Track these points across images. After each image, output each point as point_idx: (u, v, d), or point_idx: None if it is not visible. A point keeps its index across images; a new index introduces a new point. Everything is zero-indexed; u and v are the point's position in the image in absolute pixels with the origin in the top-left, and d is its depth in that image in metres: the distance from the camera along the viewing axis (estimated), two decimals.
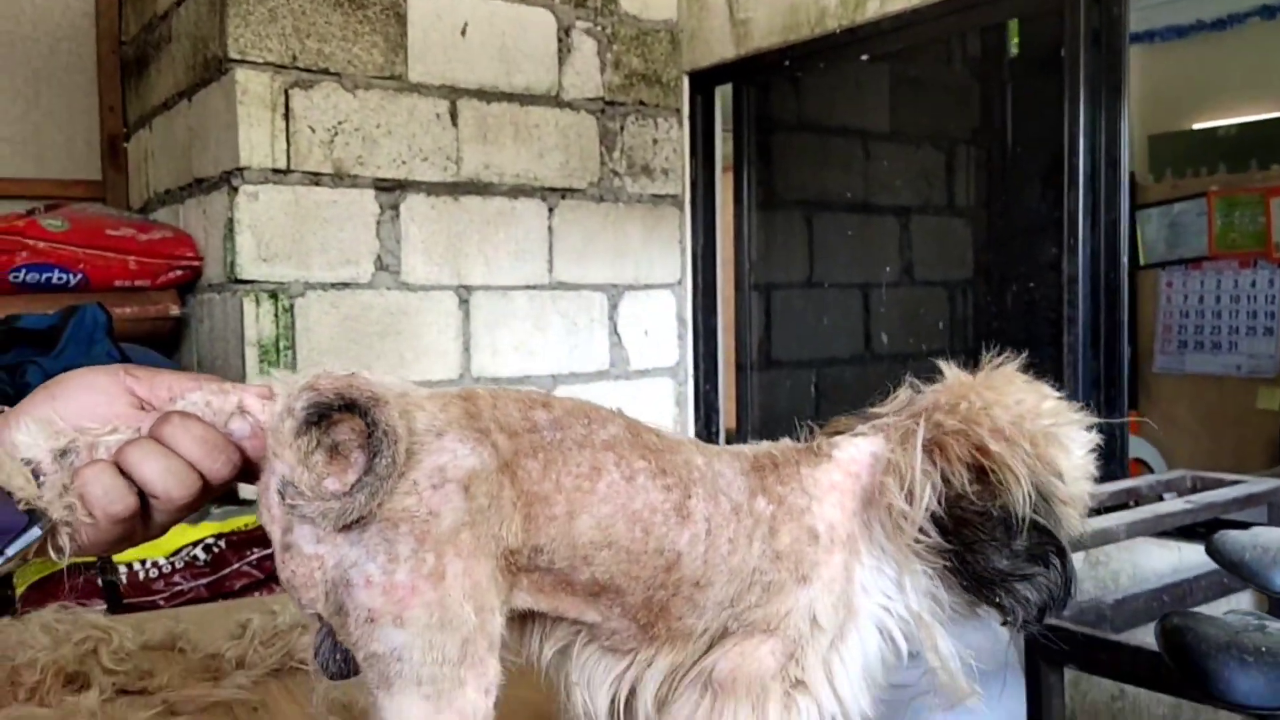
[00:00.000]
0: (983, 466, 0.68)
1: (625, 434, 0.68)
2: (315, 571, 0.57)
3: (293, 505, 0.55)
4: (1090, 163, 2.41)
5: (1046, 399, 0.72)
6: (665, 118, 3.35)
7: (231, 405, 0.63)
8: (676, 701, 0.68)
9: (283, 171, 2.73)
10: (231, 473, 0.63)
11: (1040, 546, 0.68)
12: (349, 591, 0.56)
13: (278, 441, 0.55)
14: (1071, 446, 0.71)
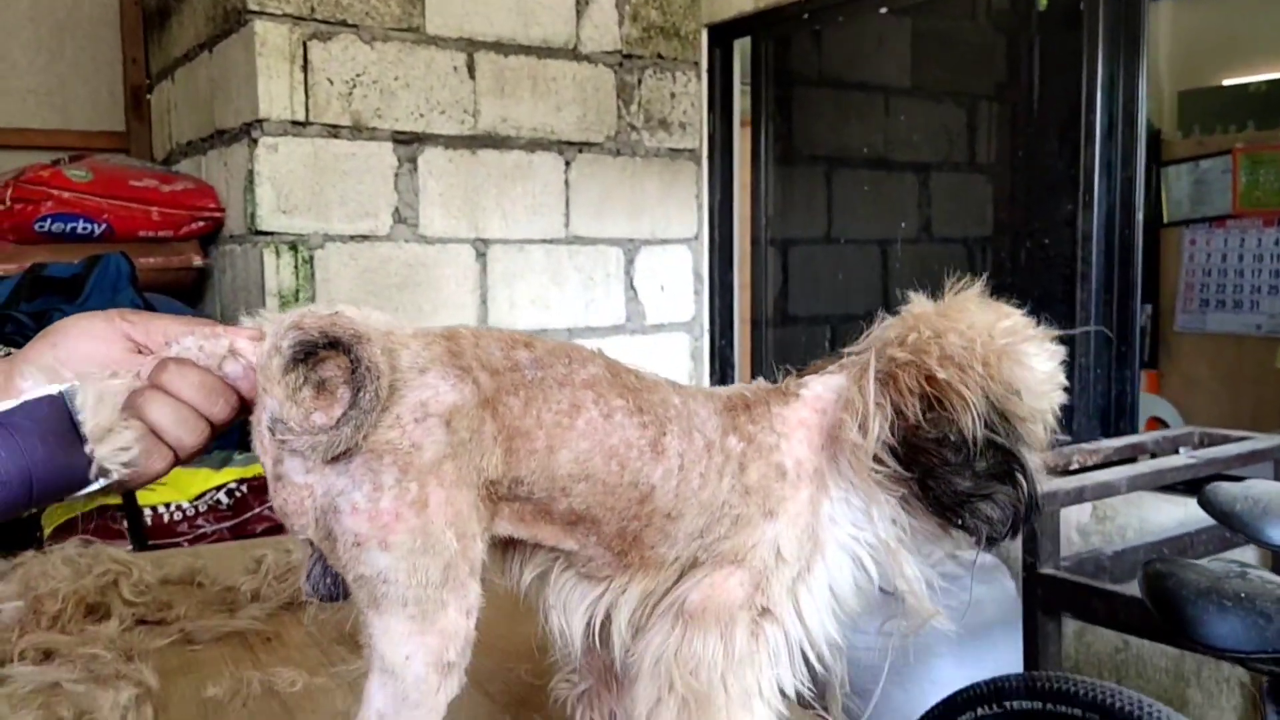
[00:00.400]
0: (934, 395, 0.69)
1: (604, 373, 0.71)
2: (305, 500, 0.61)
3: (283, 440, 0.58)
4: (1108, 119, 2.40)
5: (1003, 318, 0.73)
6: (683, 71, 3.34)
7: (223, 348, 0.66)
8: (650, 630, 0.71)
9: (302, 124, 2.75)
10: (230, 414, 0.66)
11: (1000, 465, 0.69)
12: (337, 518, 0.60)
13: (266, 378, 0.59)
14: (1031, 362, 0.72)
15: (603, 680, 0.80)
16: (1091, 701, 1.44)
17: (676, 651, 0.69)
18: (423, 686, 0.61)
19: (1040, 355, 0.73)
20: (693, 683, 0.68)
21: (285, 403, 0.58)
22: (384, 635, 0.61)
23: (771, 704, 0.70)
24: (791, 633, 0.71)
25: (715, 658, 0.69)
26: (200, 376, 0.65)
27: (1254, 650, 1.02)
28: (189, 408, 0.64)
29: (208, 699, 0.92)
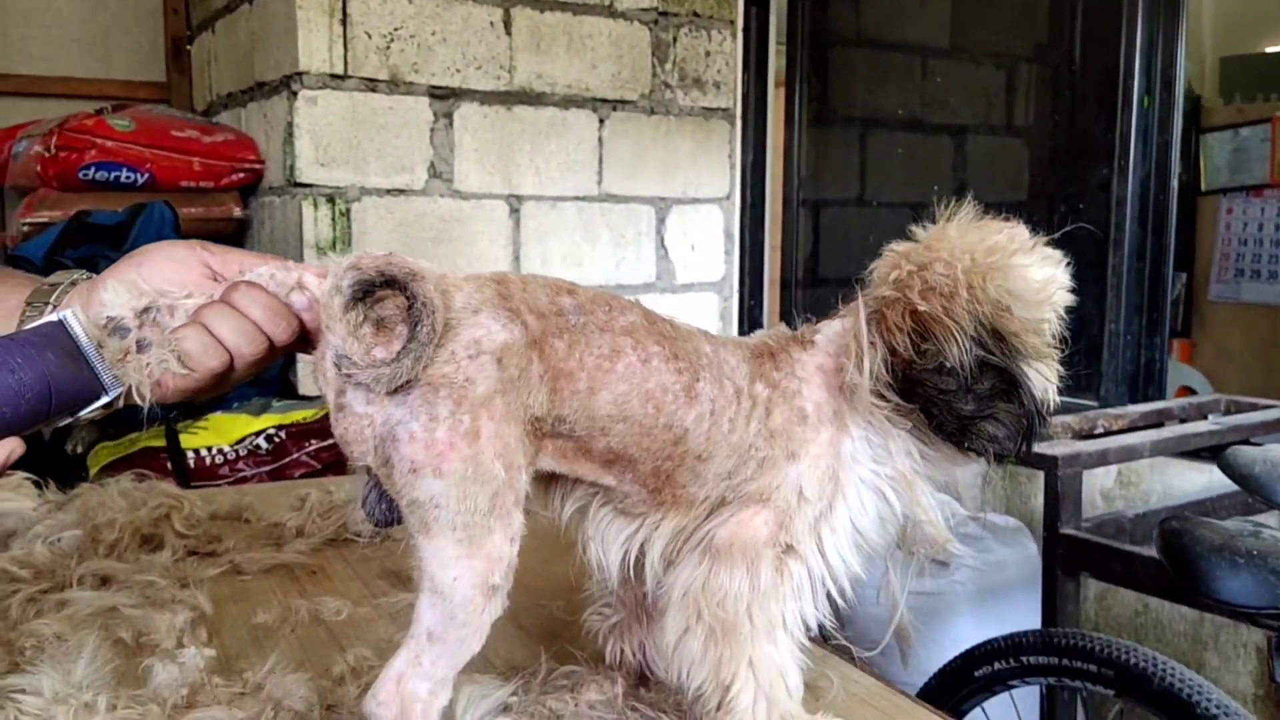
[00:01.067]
0: (921, 327, 0.72)
1: (642, 321, 0.74)
2: (365, 429, 0.65)
3: (348, 373, 0.62)
4: (1145, 84, 2.39)
5: (989, 237, 0.74)
6: (719, 30, 3.34)
7: (292, 280, 0.70)
8: (680, 564, 0.75)
9: (340, 77, 2.78)
10: (291, 337, 0.71)
11: (1000, 383, 0.71)
12: (395, 446, 0.64)
13: (329, 316, 0.62)
14: (1022, 273, 0.73)
15: (634, 614, 0.84)
16: (1106, 658, 1.48)
17: (704, 584, 0.73)
18: (469, 607, 0.65)
19: (1032, 264, 0.74)
20: (719, 613, 0.72)
21: (347, 338, 0.62)
22: (434, 558, 0.65)
23: (794, 636, 0.74)
24: (814, 569, 0.75)
25: (741, 590, 0.72)
26: (267, 299, 0.69)
27: (1265, 606, 1.04)
28: (251, 323, 0.68)
29: (257, 625, 0.97)
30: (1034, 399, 0.72)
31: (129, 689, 0.80)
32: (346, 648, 0.91)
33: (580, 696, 0.78)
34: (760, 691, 0.71)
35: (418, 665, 0.66)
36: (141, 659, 0.85)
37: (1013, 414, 0.72)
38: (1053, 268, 0.75)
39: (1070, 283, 0.78)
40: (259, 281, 0.70)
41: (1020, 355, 0.72)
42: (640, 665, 0.84)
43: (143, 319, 0.67)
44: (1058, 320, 0.77)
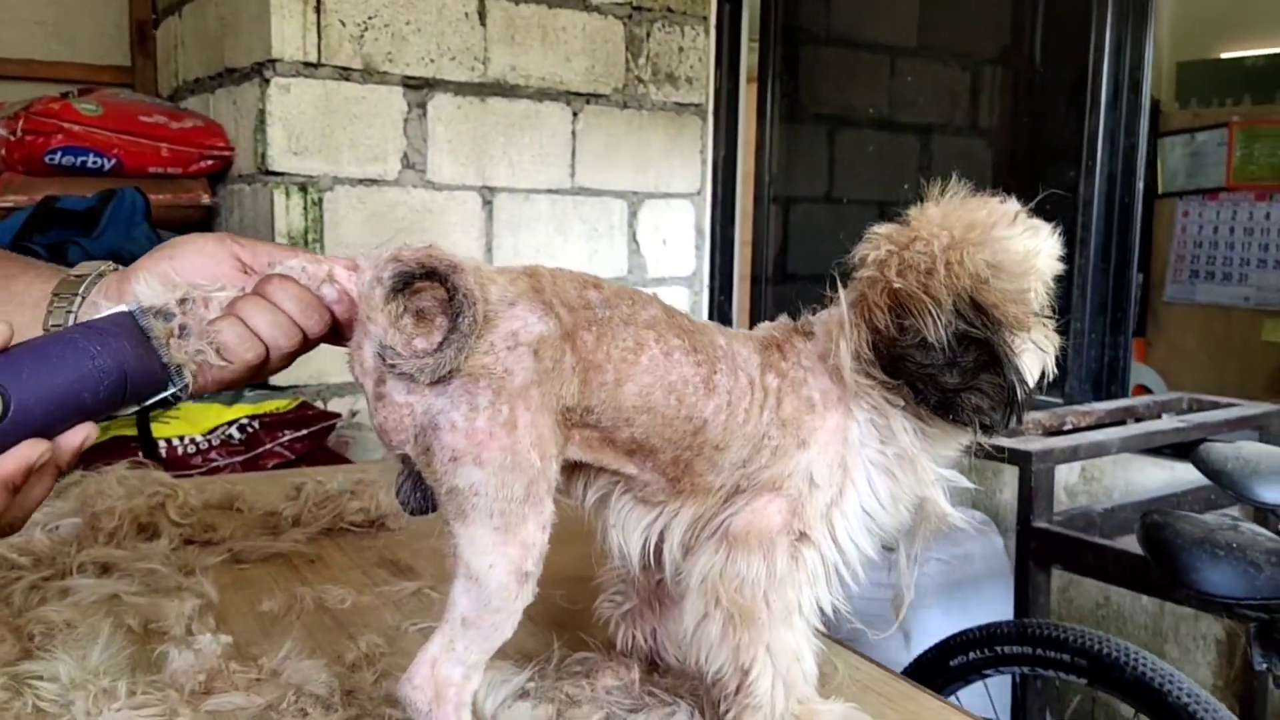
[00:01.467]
0: (898, 305, 0.73)
1: (663, 315, 0.76)
2: (405, 418, 0.66)
3: (392, 364, 0.63)
4: (1113, 87, 2.44)
5: (972, 213, 0.76)
6: (692, 25, 3.35)
7: (323, 273, 0.71)
8: (698, 551, 0.77)
9: (313, 65, 2.76)
10: (323, 330, 0.72)
11: (983, 355, 0.72)
12: (436, 435, 0.65)
13: (370, 307, 0.63)
14: (1006, 245, 0.74)
15: (646, 601, 0.86)
16: (1080, 648, 1.52)
17: (722, 571, 0.75)
18: (504, 593, 0.66)
19: (1014, 236, 0.75)
20: (738, 599, 0.74)
21: (389, 329, 0.62)
22: (470, 545, 0.66)
23: (810, 621, 0.76)
24: (827, 555, 0.76)
25: (758, 577, 0.74)
26: (300, 292, 0.70)
27: (1244, 597, 1.08)
28: (285, 315, 0.69)
29: (263, 613, 0.97)
30: (1016, 370, 0.73)
31: (145, 675, 0.80)
32: (355, 635, 0.92)
33: (597, 682, 0.80)
34: (778, 676, 0.73)
35: (451, 650, 0.67)
36: (152, 646, 0.86)
37: (995, 385, 0.73)
38: (1037, 238, 0.76)
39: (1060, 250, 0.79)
40: (291, 275, 0.71)
41: (1002, 326, 0.73)
42: (651, 652, 0.86)
43: (181, 309, 0.68)
44: (1045, 289, 0.78)
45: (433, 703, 0.66)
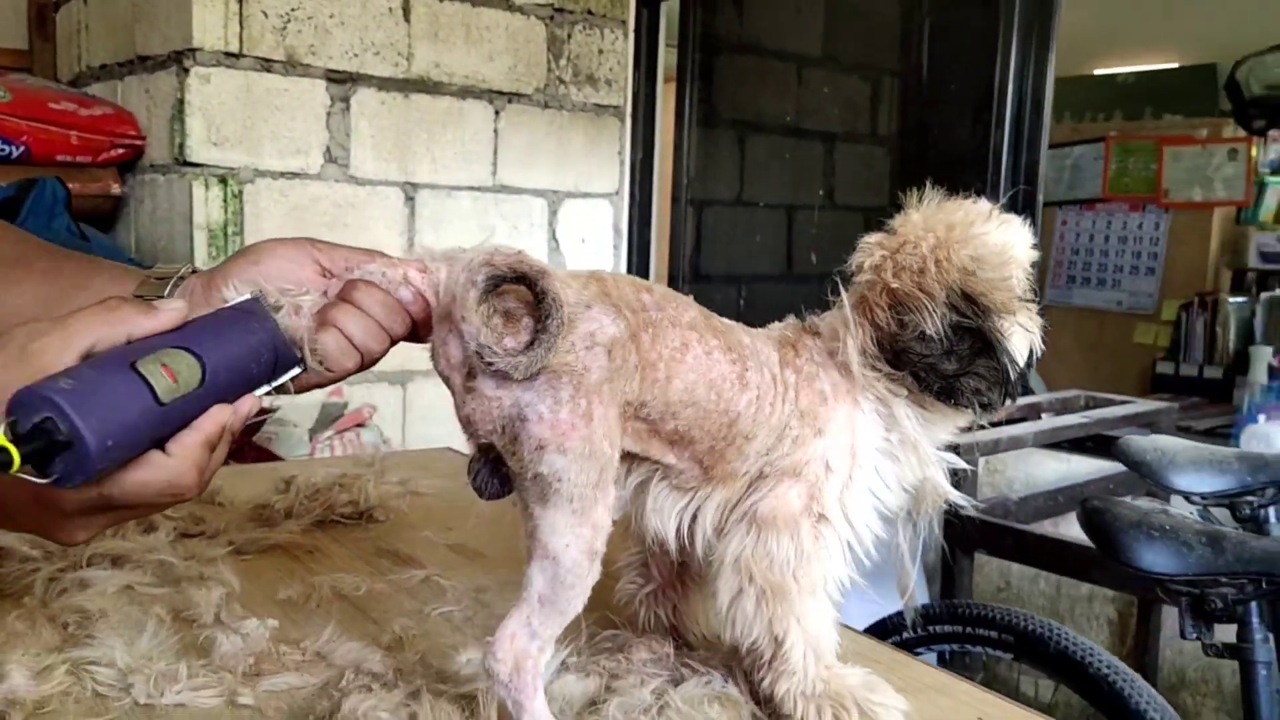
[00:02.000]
0: (897, 303, 0.81)
1: (701, 317, 0.82)
2: (494, 410, 0.70)
3: (489, 362, 0.67)
4: (1016, 103, 2.60)
5: (952, 214, 0.84)
6: (611, 29, 3.42)
7: (399, 276, 0.75)
8: (729, 534, 0.83)
9: (235, 55, 2.72)
10: (405, 332, 0.76)
11: (976, 342, 0.81)
12: (524, 425, 0.70)
13: (465, 307, 0.67)
14: (985, 240, 0.82)
15: (669, 581, 0.92)
16: (1007, 625, 1.64)
17: (753, 551, 0.82)
18: (577, 570, 0.72)
19: (991, 230, 0.83)
20: (770, 575, 0.81)
21: (481, 329, 0.67)
22: (549, 527, 0.71)
23: (832, 595, 0.84)
24: (843, 534, 0.84)
25: (787, 555, 0.81)
26: (384, 297, 0.74)
27: (1177, 574, 1.21)
28: (374, 321, 0.73)
29: (282, 600, 1.00)
30: (1008, 353, 0.82)
31: (195, 659, 0.83)
32: (380, 620, 0.96)
33: (632, 656, 0.85)
34: (809, 644, 0.81)
35: (528, 625, 0.72)
36: (194, 632, 0.88)
37: (991, 368, 0.81)
38: (1011, 231, 0.85)
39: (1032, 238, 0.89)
40: (373, 279, 0.75)
41: (991, 313, 0.81)
42: (672, 629, 0.92)
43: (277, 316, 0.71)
44: (1024, 275, 0.86)
45: (513, 673, 0.71)
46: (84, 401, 0.54)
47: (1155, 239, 4.57)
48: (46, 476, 0.55)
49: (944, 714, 0.84)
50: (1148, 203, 4.54)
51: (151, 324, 0.62)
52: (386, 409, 3.11)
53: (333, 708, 0.75)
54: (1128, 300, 4.60)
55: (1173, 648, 2.38)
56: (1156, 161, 4.53)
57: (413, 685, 0.78)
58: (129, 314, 0.62)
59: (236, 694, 0.79)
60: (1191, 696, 2.31)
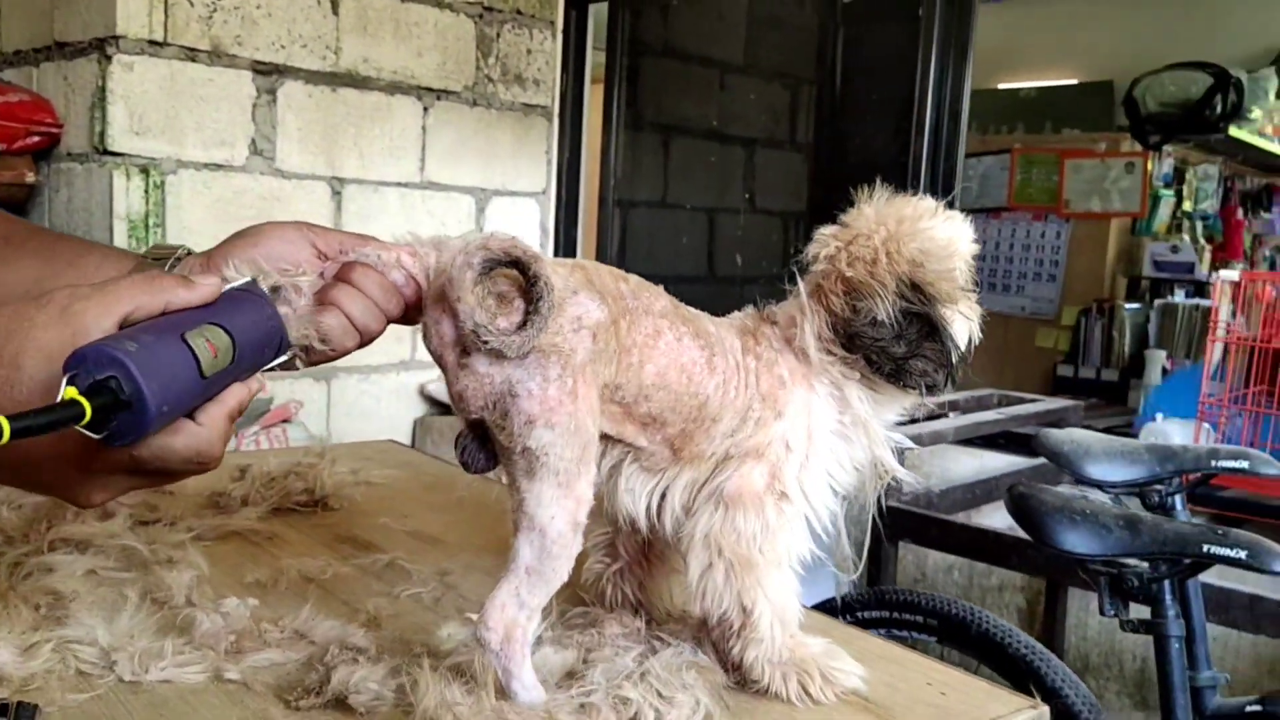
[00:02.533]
0: (851, 290, 0.87)
1: (671, 306, 0.87)
2: (485, 386, 0.73)
3: (485, 340, 0.70)
4: (935, 114, 2.71)
5: (902, 209, 0.90)
6: (540, 29, 3.44)
7: (393, 259, 0.77)
8: (698, 512, 0.88)
9: (159, 44, 2.68)
10: (399, 313, 0.78)
11: (923, 327, 0.87)
12: (514, 401, 0.73)
13: (460, 288, 0.70)
14: (932, 234, 0.88)
15: (635, 559, 0.96)
16: (931, 609, 1.72)
17: (721, 527, 0.86)
18: (562, 540, 0.75)
19: (937, 225, 0.89)
20: (738, 549, 0.85)
21: (477, 309, 0.70)
22: (535, 499, 0.75)
23: (794, 567, 0.89)
24: (802, 510, 0.89)
25: (753, 530, 0.86)
26: (380, 279, 0.76)
27: (1097, 554, 1.29)
28: (372, 302, 0.76)
29: (250, 583, 1.01)
30: (951, 337, 0.88)
31: (176, 638, 0.84)
32: (352, 602, 0.97)
33: (604, 630, 0.89)
34: (775, 614, 0.85)
35: (516, 596, 0.75)
36: (167, 613, 0.89)
37: (936, 351, 0.88)
38: (955, 226, 0.91)
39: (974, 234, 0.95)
40: (368, 262, 0.77)
41: (937, 301, 0.87)
42: (639, 604, 0.96)
43: (276, 297, 0.73)
44: (967, 267, 0.92)
45: (503, 642, 0.75)
46: (147, 364, 0.56)
47: (1056, 247, 4.77)
48: (98, 433, 0.56)
49: (896, 680, 0.90)
50: (1049, 213, 4.74)
51: (190, 296, 0.64)
52: (311, 405, 3.08)
53: (321, 679, 0.77)
54: (1031, 305, 4.79)
55: (1077, 634, 2.51)
56: (1058, 173, 4.73)
57: (395, 661, 0.81)
58: (169, 285, 0.63)
59: (222, 670, 0.80)
60: (1095, 680, 2.44)
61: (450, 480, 1.44)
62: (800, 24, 3.62)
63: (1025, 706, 0.86)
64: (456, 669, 0.76)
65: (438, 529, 1.23)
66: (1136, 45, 5.34)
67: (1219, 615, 1.57)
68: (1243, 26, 5.32)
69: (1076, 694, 1.55)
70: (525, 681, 0.75)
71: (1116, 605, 1.34)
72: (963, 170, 2.86)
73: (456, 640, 0.85)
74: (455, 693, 0.71)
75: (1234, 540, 1.21)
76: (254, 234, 0.78)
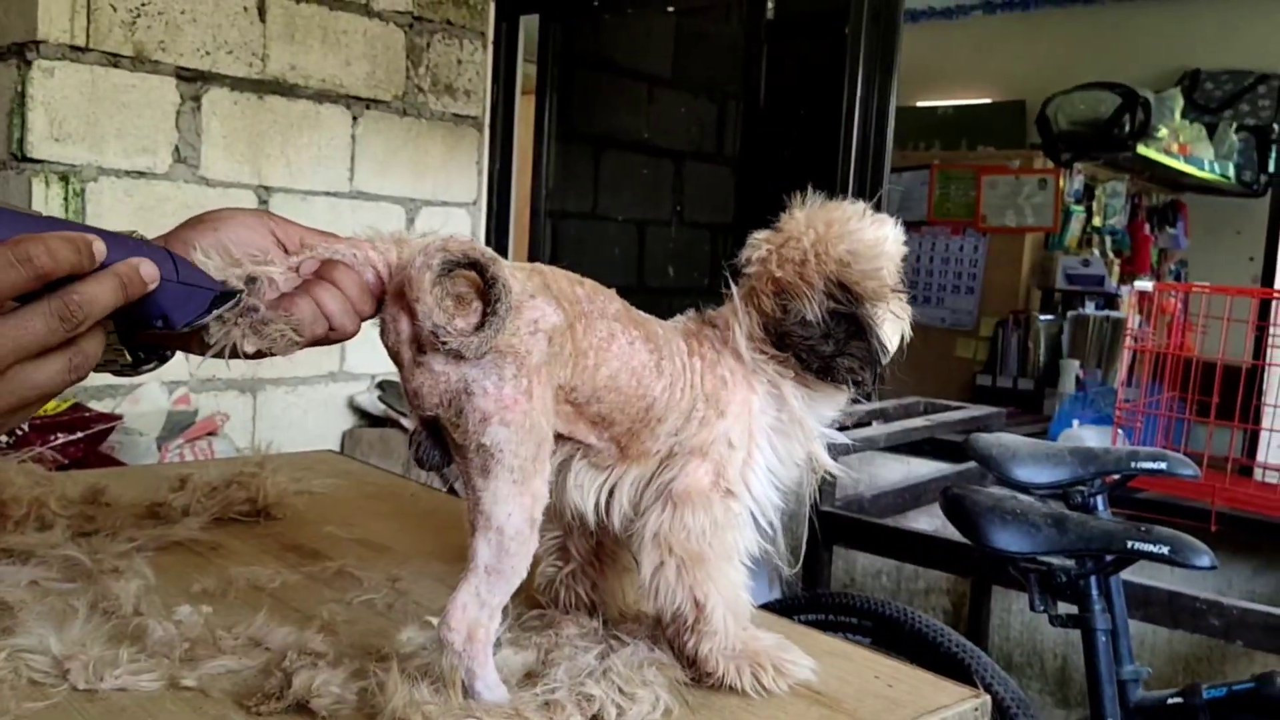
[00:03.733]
0: (781, 291, 0.90)
1: (623, 310, 0.89)
2: (441, 384, 0.74)
3: (444, 340, 0.71)
4: (863, 131, 2.78)
5: (830, 213, 0.92)
6: (470, 40, 3.44)
7: (365, 259, 0.78)
8: (647, 512, 0.89)
9: (81, 49, 2.62)
10: (371, 313, 0.78)
11: (851, 326, 0.89)
12: (469, 399, 0.74)
13: (419, 288, 0.71)
14: (860, 235, 0.91)
15: (587, 560, 0.98)
16: (866, 611, 1.77)
17: (670, 525, 0.88)
18: (520, 537, 0.76)
19: (865, 227, 0.92)
20: (688, 546, 0.87)
21: (435, 309, 0.71)
22: (492, 497, 0.76)
23: (743, 561, 0.91)
24: (747, 504, 0.92)
25: (702, 527, 0.88)
26: (358, 279, 0.77)
27: (1027, 552, 1.34)
28: (350, 301, 0.76)
29: (198, 593, 0.99)
30: (878, 336, 0.91)
31: (129, 646, 0.83)
32: (304, 609, 0.97)
33: (561, 631, 0.90)
34: (728, 607, 0.87)
35: (477, 595, 0.76)
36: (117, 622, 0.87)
37: (863, 349, 0.91)
38: (883, 228, 0.94)
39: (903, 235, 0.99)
40: (349, 261, 0.77)
41: (864, 300, 0.90)
42: (593, 605, 0.97)
43: (250, 288, 0.73)
44: (895, 267, 0.95)
45: (466, 642, 0.75)
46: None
47: (974, 261, 4.90)
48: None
49: (845, 674, 0.92)
50: (967, 227, 4.87)
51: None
52: (237, 417, 3.03)
53: (282, 684, 0.77)
54: (950, 317, 4.92)
55: (1000, 634, 2.58)
56: (975, 189, 4.87)
57: (358, 663, 0.81)
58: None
59: (178, 677, 0.79)
60: (1018, 678, 2.51)
61: (393, 489, 1.44)
62: (727, 39, 3.67)
63: (969, 696, 0.89)
64: (421, 670, 0.77)
65: (385, 536, 1.22)
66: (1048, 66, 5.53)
67: (1140, 611, 1.64)
68: (1150, 49, 5.55)
69: (1006, 690, 1.60)
70: (489, 681, 0.76)
71: (1045, 601, 1.40)
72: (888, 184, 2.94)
73: (416, 643, 0.85)
74: (423, 692, 0.72)
75: (1157, 537, 1.26)
76: (214, 219, 0.78)
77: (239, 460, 1.38)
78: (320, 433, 3.19)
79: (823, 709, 0.85)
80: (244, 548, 1.15)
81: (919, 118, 6.01)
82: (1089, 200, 5.07)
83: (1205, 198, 5.65)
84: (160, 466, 1.46)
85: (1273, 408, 2.05)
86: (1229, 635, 1.62)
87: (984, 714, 0.88)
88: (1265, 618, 1.60)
